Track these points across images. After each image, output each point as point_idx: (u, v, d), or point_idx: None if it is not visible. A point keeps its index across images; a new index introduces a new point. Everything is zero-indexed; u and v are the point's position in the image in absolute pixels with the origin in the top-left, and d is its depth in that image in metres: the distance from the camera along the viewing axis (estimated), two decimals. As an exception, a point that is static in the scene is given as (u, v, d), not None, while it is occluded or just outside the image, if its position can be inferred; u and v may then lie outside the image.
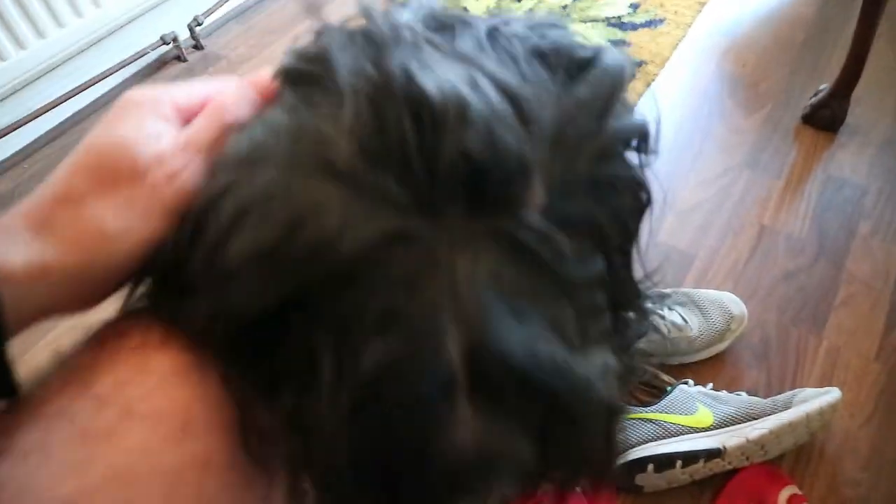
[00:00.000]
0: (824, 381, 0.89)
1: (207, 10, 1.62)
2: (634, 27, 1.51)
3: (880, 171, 1.18)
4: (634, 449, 0.78)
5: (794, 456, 0.83)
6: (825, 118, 1.24)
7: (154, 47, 1.55)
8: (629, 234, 0.32)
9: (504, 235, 0.24)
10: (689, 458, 0.76)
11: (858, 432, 0.85)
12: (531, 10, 1.61)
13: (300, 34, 0.33)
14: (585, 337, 0.26)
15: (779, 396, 0.82)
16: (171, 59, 1.61)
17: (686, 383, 0.85)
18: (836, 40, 1.43)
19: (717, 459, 0.77)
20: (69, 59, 1.44)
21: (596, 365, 0.26)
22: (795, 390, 0.82)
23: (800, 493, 0.79)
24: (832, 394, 0.80)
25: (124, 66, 1.51)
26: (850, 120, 1.24)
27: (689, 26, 1.51)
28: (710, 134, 1.26)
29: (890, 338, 0.95)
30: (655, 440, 0.78)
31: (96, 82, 1.47)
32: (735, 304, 0.93)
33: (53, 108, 1.40)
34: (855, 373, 0.91)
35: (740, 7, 1.55)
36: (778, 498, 0.78)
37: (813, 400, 0.79)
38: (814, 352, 0.94)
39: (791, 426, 0.76)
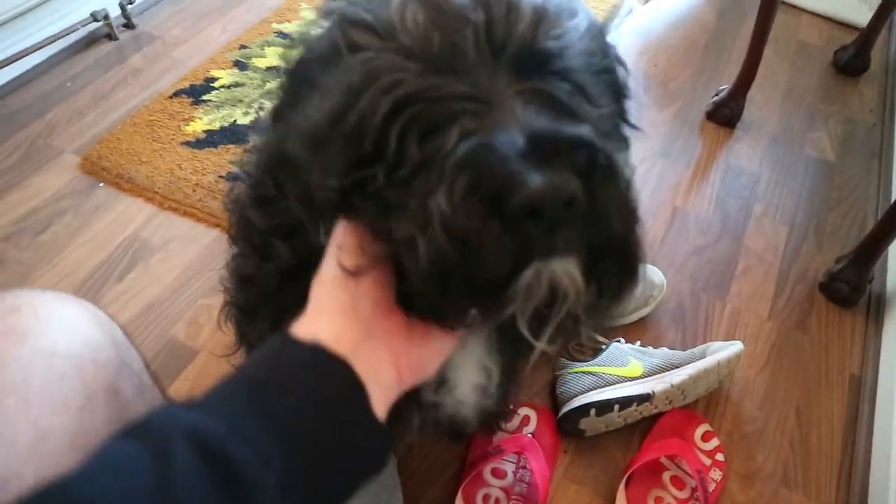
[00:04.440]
0: (728, 338, 1.05)
1: (140, -12, 1.60)
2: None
3: (770, 161, 1.37)
4: (578, 397, 0.90)
5: (706, 400, 0.98)
6: (725, 115, 1.42)
7: (84, 24, 1.51)
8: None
9: (542, 91, 0.39)
10: (625, 402, 0.89)
11: (755, 379, 1.02)
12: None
13: (233, 18, 0.46)
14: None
15: (695, 349, 0.96)
16: (101, 37, 1.56)
17: (619, 341, 0.98)
18: (733, 44, 1.62)
19: (647, 403, 0.90)
20: (-8, 31, 1.38)
21: (618, 150, 0.39)
22: (708, 343, 0.97)
23: (711, 429, 0.94)
24: (736, 346, 0.95)
25: (52, 42, 1.47)
26: (746, 116, 1.43)
27: (608, 29, 1.65)
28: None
29: (779, 301, 1.13)
30: (596, 389, 0.90)
31: (21, 57, 1.42)
32: (656, 274, 1.07)
33: (-24, 82, 1.35)
34: (752, 330, 1.08)
35: (652, 11, 1.72)
36: (695, 433, 0.92)
37: (721, 351, 0.94)
38: (720, 313, 1.10)
39: (706, 372, 0.91)
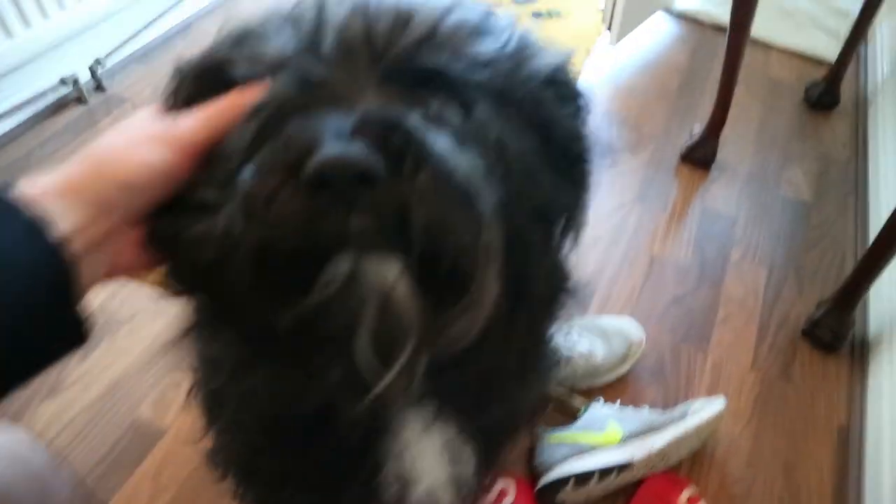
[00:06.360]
0: (711, 391, 1.02)
1: (110, 51, 1.59)
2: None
3: (746, 202, 1.36)
4: (556, 468, 0.87)
5: (690, 462, 0.95)
6: (699, 157, 1.41)
7: (53, 89, 1.51)
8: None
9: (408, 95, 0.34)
10: (604, 472, 0.85)
11: (740, 435, 0.99)
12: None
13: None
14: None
15: (674, 410, 0.93)
16: (70, 101, 1.56)
17: (597, 401, 0.95)
18: (706, 85, 1.62)
19: (628, 471, 0.86)
20: (-39, 101, 1.37)
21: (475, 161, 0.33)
22: (688, 402, 0.94)
23: (696, 493, 0.90)
24: (718, 403, 0.92)
25: (21, 108, 1.46)
26: (720, 157, 1.42)
27: (579, 74, 1.66)
28: (602, 172, 1.40)
29: (762, 348, 1.10)
30: (573, 458, 0.87)
31: (-10, 126, 1.41)
32: (635, 329, 1.05)
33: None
34: (735, 382, 1.05)
35: (623, 55, 1.72)
36: (678, 499, 0.89)
37: (703, 410, 0.90)
38: (701, 366, 1.07)
39: (687, 434, 0.88)
